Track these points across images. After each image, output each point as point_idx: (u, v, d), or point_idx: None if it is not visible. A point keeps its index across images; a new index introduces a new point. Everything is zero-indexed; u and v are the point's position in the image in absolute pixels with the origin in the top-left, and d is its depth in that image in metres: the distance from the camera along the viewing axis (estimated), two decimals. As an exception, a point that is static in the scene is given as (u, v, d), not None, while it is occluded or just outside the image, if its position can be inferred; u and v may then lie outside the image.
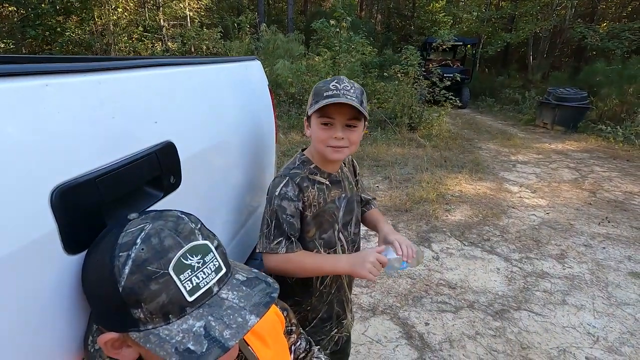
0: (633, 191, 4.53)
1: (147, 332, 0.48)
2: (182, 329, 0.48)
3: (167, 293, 0.48)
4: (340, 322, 1.20)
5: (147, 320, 0.48)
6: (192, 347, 0.47)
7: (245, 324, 0.50)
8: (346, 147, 1.00)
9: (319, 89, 0.98)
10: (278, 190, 1.00)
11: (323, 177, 1.07)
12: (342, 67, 7.58)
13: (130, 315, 0.48)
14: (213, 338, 0.48)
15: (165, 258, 0.48)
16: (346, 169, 1.18)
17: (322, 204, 1.05)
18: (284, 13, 19.23)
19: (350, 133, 1.00)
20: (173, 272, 0.48)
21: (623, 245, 3.19)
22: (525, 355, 1.96)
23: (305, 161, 1.07)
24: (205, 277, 0.51)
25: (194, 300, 0.49)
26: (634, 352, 2.00)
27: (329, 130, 0.98)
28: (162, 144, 0.76)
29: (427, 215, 3.67)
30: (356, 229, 1.18)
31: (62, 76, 0.56)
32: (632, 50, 11.17)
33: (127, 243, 0.49)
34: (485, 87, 13.99)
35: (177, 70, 0.91)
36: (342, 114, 0.97)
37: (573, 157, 6.15)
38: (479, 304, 2.37)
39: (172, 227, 0.52)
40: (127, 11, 13.31)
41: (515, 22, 15.54)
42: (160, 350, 0.46)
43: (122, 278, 0.47)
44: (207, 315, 0.50)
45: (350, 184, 1.15)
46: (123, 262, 0.48)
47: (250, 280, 0.57)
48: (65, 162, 0.54)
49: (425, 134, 7.12)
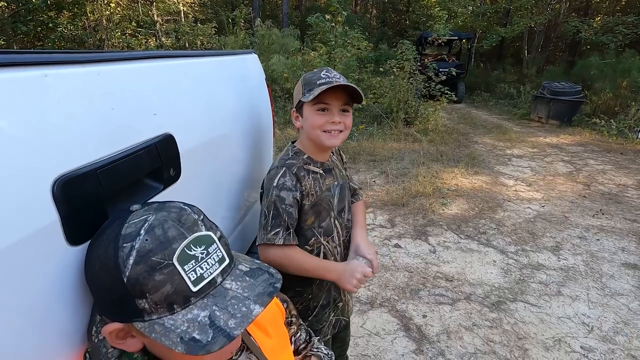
0: (626, 184, 4.58)
1: (152, 322, 0.48)
2: (187, 318, 0.48)
3: (172, 283, 0.48)
4: (336, 305, 1.22)
5: (152, 310, 0.48)
6: (198, 336, 0.47)
7: (250, 314, 0.50)
8: (341, 131, 1.04)
9: (309, 79, 1.02)
10: (276, 180, 1.01)
11: (316, 166, 1.09)
12: (338, 62, 7.55)
13: (134, 306, 0.48)
14: (218, 327, 0.48)
15: (170, 249, 0.49)
16: (335, 158, 1.21)
17: (318, 192, 1.07)
18: (278, 8, 19.09)
19: (345, 118, 1.04)
20: (177, 263, 0.48)
21: (617, 237, 3.23)
22: (521, 346, 1.98)
23: (297, 152, 1.09)
24: (209, 267, 0.51)
25: (198, 291, 0.50)
26: (627, 341, 2.04)
27: (325, 115, 1.01)
28: (161, 136, 0.76)
29: (424, 209, 3.69)
30: (349, 216, 1.20)
31: (61, 67, 0.55)
32: (626, 44, 11.23)
33: (130, 234, 0.49)
34: (480, 82, 14.02)
35: (175, 63, 0.91)
36: (337, 99, 1.01)
37: (568, 150, 6.20)
38: (475, 296, 2.40)
39: (176, 218, 0.52)
40: (120, 6, 13.15)
41: (510, 16, 15.53)
42: (165, 339, 0.47)
43: (126, 269, 0.47)
44: (211, 305, 0.50)
45: (340, 172, 1.18)
46: (127, 252, 0.48)
47: (253, 270, 0.57)
48: (65, 154, 0.53)
49: (421, 129, 7.13)
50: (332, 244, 1.13)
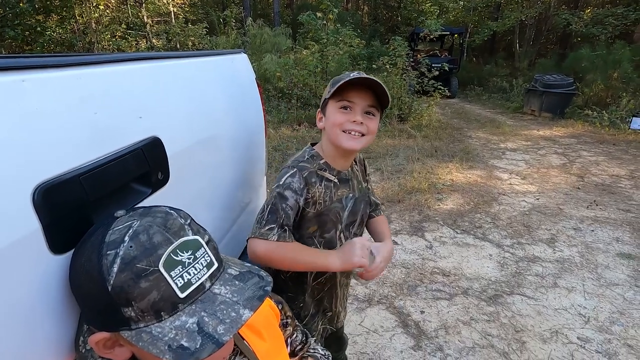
0: (619, 174, 4.61)
1: (139, 331, 0.47)
2: (174, 325, 0.47)
3: (158, 290, 0.47)
4: (324, 314, 1.18)
5: (139, 318, 0.47)
6: (186, 343, 0.46)
7: (239, 319, 0.50)
8: (363, 134, 0.96)
9: (337, 78, 0.95)
10: (283, 179, 0.96)
11: (332, 174, 1.02)
12: (330, 60, 7.54)
13: (121, 314, 0.47)
14: (207, 334, 0.47)
15: (155, 255, 0.47)
16: (357, 168, 1.13)
17: (327, 202, 1.01)
18: (269, 7, 19.00)
19: (369, 121, 0.96)
20: (163, 269, 0.47)
21: (611, 227, 3.25)
22: (519, 338, 1.99)
23: (314, 156, 1.02)
24: (196, 272, 0.50)
25: (186, 297, 0.49)
26: (623, 331, 2.05)
27: (347, 114, 0.95)
28: (148, 140, 0.74)
29: (420, 205, 3.69)
30: (358, 230, 1.13)
31: (39, 71, 0.54)
32: (616, 35, 11.31)
33: (114, 241, 0.48)
34: (473, 76, 14.07)
35: (160, 64, 0.89)
36: (362, 98, 0.94)
37: (561, 142, 6.24)
38: (472, 290, 2.40)
39: (161, 223, 0.51)
40: (109, 8, 13.01)
41: (501, 10, 15.60)
42: (153, 348, 0.46)
43: (110, 277, 0.46)
44: (200, 311, 0.49)
45: (359, 184, 1.11)
46: (111, 260, 0.47)
47: (243, 274, 0.56)
48: (46, 160, 0.52)
49: (415, 125, 7.14)
50: None
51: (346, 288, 1.26)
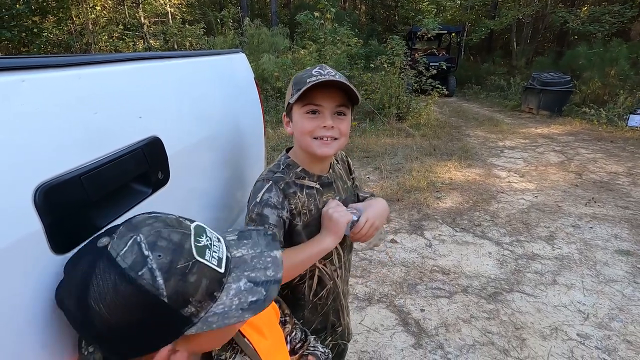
0: (617, 171, 4.63)
1: (204, 319, 0.50)
2: (232, 295, 0.51)
3: (206, 277, 0.50)
4: (334, 330, 1.13)
5: (198, 310, 0.49)
6: (253, 297, 0.51)
7: (276, 259, 0.56)
8: (336, 138, 0.89)
9: (299, 78, 0.87)
10: (260, 196, 0.88)
11: (312, 180, 0.95)
12: (328, 60, 7.54)
13: (181, 317, 0.48)
14: (263, 282, 0.53)
15: (185, 250, 0.49)
16: (339, 167, 1.06)
17: (313, 211, 0.93)
18: (267, 7, 18.99)
19: (340, 122, 0.88)
20: (199, 257, 0.50)
21: (609, 224, 3.26)
22: (519, 336, 2.00)
23: (290, 164, 0.95)
24: (218, 249, 0.54)
25: (225, 271, 0.53)
26: (622, 327, 2.06)
27: (316, 119, 0.87)
28: (148, 139, 0.74)
29: (419, 204, 3.70)
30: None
31: (39, 71, 0.54)
32: (613, 33, 11.36)
33: (136, 261, 0.46)
34: (470, 75, 14.10)
35: (160, 64, 0.89)
36: (330, 99, 0.86)
37: (559, 140, 6.25)
38: (472, 288, 2.41)
39: (163, 226, 0.50)
40: (105, 9, 12.98)
41: (498, 8, 15.62)
42: (228, 320, 0.49)
43: (161, 290, 0.45)
44: (240, 274, 0.54)
45: (344, 184, 1.04)
46: (150, 277, 0.45)
47: (242, 234, 0.61)
48: (47, 161, 0.52)
49: (413, 124, 7.15)
50: (330, 267, 1.02)
51: (348, 295, 1.22)
